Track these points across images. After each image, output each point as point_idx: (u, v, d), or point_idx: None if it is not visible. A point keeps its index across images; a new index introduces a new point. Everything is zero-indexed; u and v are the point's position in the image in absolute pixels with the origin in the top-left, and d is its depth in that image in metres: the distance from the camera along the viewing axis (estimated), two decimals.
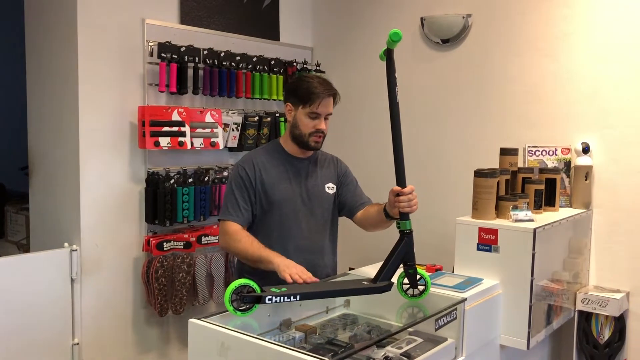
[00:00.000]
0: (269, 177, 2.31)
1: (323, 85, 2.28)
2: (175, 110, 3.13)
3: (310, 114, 2.26)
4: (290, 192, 2.32)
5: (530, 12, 3.18)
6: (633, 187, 2.89)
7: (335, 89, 2.32)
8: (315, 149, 2.33)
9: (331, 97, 2.28)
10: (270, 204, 2.30)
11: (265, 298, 1.83)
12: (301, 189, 2.34)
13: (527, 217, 2.45)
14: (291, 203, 2.31)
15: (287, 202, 2.30)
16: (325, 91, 2.26)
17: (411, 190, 2.05)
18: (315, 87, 2.26)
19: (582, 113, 3.02)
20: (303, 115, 2.27)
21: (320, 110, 2.26)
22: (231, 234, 2.26)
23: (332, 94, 2.29)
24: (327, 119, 2.30)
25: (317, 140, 2.30)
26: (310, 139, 2.29)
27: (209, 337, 1.75)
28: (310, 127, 2.27)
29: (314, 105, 2.24)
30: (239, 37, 3.58)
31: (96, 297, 3.03)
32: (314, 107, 2.25)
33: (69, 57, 2.95)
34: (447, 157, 3.53)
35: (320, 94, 2.24)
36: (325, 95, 2.25)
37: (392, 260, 2.02)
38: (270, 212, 2.31)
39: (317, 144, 2.30)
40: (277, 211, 2.30)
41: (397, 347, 1.92)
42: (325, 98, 2.26)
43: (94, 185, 3.00)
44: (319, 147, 2.33)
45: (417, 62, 3.61)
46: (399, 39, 1.93)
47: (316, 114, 2.26)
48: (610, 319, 2.87)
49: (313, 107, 2.25)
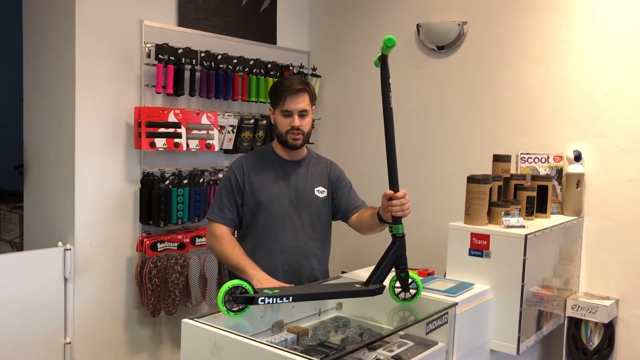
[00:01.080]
0: (257, 179, 2.34)
1: (292, 83, 2.29)
2: (171, 112, 3.14)
3: (283, 112, 2.30)
4: (278, 193, 2.34)
5: (525, 21, 3.22)
6: (624, 196, 2.92)
7: (307, 84, 2.31)
8: (295, 146, 2.33)
9: (300, 93, 2.27)
10: (257, 205, 2.33)
11: (258, 299, 1.84)
12: (289, 191, 2.36)
13: (518, 223, 2.48)
14: (278, 205, 2.34)
15: (274, 203, 2.33)
16: (292, 87, 2.27)
17: (404, 195, 2.06)
18: (283, 84, 2.29)
19: (575, 121, 3.06)
20: (279, 115, 2.32)
21: (290, 107, 2.27)
22: (216, 237, 2.31)
23: (301, 89, 2.28)
24: (303, 115, 2.30)
25: (295, 138, 2.31)
26: (288, 137, 2.31)
27: (201, 337, 1.76)
28: (286, 125, 2.30)
29: (282, 103, 2.28)
30: (236, 40, 3.60)
31: (89, 296, 3.04)
32: (282, 105, 2.28)
33: (66, 57, 2.96)
34: (440, 162, 3.55)
35: (285, 91, 2.27)
36: (290, 92, 2.26)
37: (384, 264, 2.03)
38: (257, 214, 2.34)
39: (295, 142, 2.31)
40: (264, 212, 2.33)
41: (388, 350, 1.93)
42: (291, 94, 2.26)
43: (89, 184, 3.00)
44: (299, 144, 2.33)
45: (412, 68, 3.64)
46: (393, 44, 1.95)
47: (288, 111, 2.28)
48: (599, 326, 2.90)
49: (281, 106, 2.28)
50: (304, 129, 2.32)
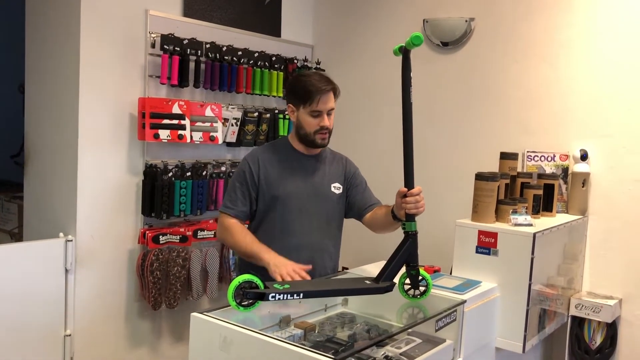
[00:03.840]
0: (274, 173, 2.30)
1: (320, 82, 2.24)
2: (175, 103, 3.11)
3: (312, 113, 2.24)
4: (295, 188, 2.31)
5: (532, 18, 3.20)
6: (629, 196, 2.92)
7: (333, 82, 2.28)
8: (323, 145, 2.31)
9: (330, 92, 2.24)
10: (273, 199, 2.29)
11: (268, 295, 1.82)
12: (306, 186, 2.33)
13: (526, 221, 2.47)
14: (295, 199, 2.30)
15: (291, 198, 2.29)
16: (323, 87, 2.22)
17: (419, 192, 2.04)
18: (312, 84, 2.22)
19: (582, 120, 3.05)
20: (305, 115, 2.25)
21: (321, 108, 2.23)
22: (226, 228, 2.27)
23: (331, 88, 2.25)
24: (330, 114, 2.27)
25: (324, 137, 2.28)
26: (316, 137, 2.27)
27: (211, 331, 1.74)
28: (315, 126, 2.25)
29: (313, 103, 2.22)
30: (241, 32, 3.57)
31: (90, 288, 3.01)
32: (314, 105, 2.22)
33: (70, 46, 2.92)
34: (445, 160, 3.53)
35: (318, 91, 2.21)
36: (324, 92, 2.22)
37: (395, 261, 2.01)
38: (273, 208, 2.29)
39: (323, 141, 2.29)
40: (281, 207, 2.28)
41: (396, 347, 1.92)
42: (324, 94, 2.22)
43: (91, 175, 2.97)
44: (326, 143, 2.31)
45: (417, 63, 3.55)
46: (419, 43, 1.92)
47: (318, 111, 2.23)
48: (602, 325, 2.90)
49: (313, 106, 2.22)
50: (330, 127, 2.29)
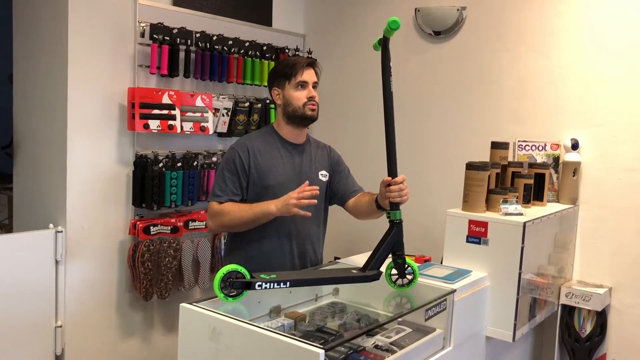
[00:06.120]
0: (263, 162, 2.29)
1: (299, 57, 2.36)
2: (165, 93, 3.09)
3: (297, 85, 2.29)
4: (285, 176, 2.31)
5: (524, 7, 3.18)
6: (619, 185, 2.92)
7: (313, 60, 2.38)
8: (313, 118, 2.33)
9: (311, 68, 2.33)
10: (264, 188, 2.28)
11: (255, 284, 1.82)
12: (296, 174, 2.33)
13: (516, 210, 2.47)
14: (286, 188, 2.27)
15: (281, 186, 2.28)
16: (304, 61, 2.31)
17: (402, 180, 2.04)
18: (293, 60, 2.34)
19: (573, 109, 3.05)
20: (292, 90, 2.30)
21: (306, 78, 2.30)
22: (218, 212, 2.25)
23: (311, 62, 2.33)
24: (315, 87, 2.34)
25: (313, 108, 2.31)
26: (306, 110, 2.30)
27: (200, 321, 1.73)
28: (302, 98, 2.30)
29: (298, 75, 2.29)
30: (231, 21, 3.54)
31: (80, 279, 3.00)
32: (298, 76, 2.29)
33: (58, 36, 2.88)
34: (436, 149, 3.53)
35: (300, 64, 2.30)
36: (305, 65, 2.30)
37: (381, 250, 2.01)
38: (264, 197, 2.27)
39: (313, 112, 2.31)
40: (272, 196, 2.26)
41: (386, 336, 1.93)
42: (307, 67, 2.30)
43: (81, 166, 2.95)
44: (316, 115, 2.33)
45: (409, 52, 3.61)
46: (397, 27, 1.90)
47: (303, 82, 2.29)
48: (592, 314, 2.92)
49: (298, 77, 2.29)
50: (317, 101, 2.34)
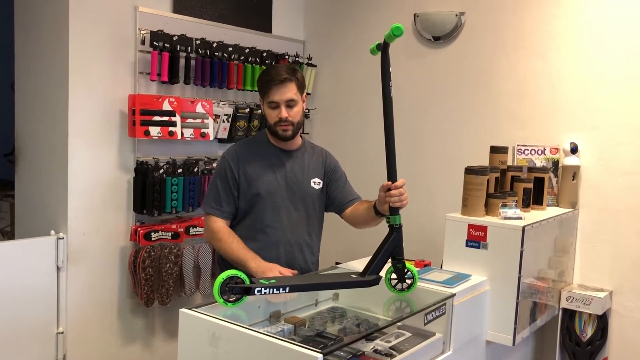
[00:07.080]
0: (252, 169, 2.28)
1: (278, 73, 2.18)
2: (166, 100, 3.11)
3: (269, 104, 2.23)
4: (275, 184, 2.30)
5: (522, 12, 3.20)
6: (619, 188, 2.93)
7: (289, 73, 2.20)
8: (285, 138, 2.27)
9: (286, 83, 2.17)
10: (254, 196, 2.28)
11: (254, 290, 1.83)
12: (286, 182, 2.32)
13: (515, 214, 2.48)
14: (275, 195, 2.29)
15: (270, 194, 2.28)
16: (277, 77, 2.17)
17: (402, 184, 2.04)
18: (268, 74, 2.21)
19: (571, 113, 3.05)
20: (266, 107, 2.26)
21: (276, 98, 2.19)
22: (214, 232, 2.26)
23: (285, 78, 2.17)
24: (291, 106, 2.21)
25: (285, 129, 2.23)
26: (277, 129, 2.25)
27: (199, 327, 1.74)
28: (274, 117, 2.23)
29: (269, 94, 2.20)
30: (231, 28, 3.56)
31: (82, 286, 3.01)
32: (268, 96, 2.21)
33: (59, 43, 2.90)
34: (436, 154, 3.54)
35: (271, 81, 2.18)
36: (277, 82, 2.17)
37: (380, 254, 2.02)
38: (254, 205, 2.29)
39: (285, 132, 2.24)
40: (261, 204, 2.28)
41: (385, 341, 1.93)
42: (279, 85, 2.17)
43: (82, 173, 2.96)
44: (288, 135, 2.26)
45: (408, 58, 3.62)
46: (400, 33, 1.87)
47: (274, 102, 2.21)
48: (593, 317, 2.92)
49: (269, 96, 2.21)
50: (293, 119, 2.23)
